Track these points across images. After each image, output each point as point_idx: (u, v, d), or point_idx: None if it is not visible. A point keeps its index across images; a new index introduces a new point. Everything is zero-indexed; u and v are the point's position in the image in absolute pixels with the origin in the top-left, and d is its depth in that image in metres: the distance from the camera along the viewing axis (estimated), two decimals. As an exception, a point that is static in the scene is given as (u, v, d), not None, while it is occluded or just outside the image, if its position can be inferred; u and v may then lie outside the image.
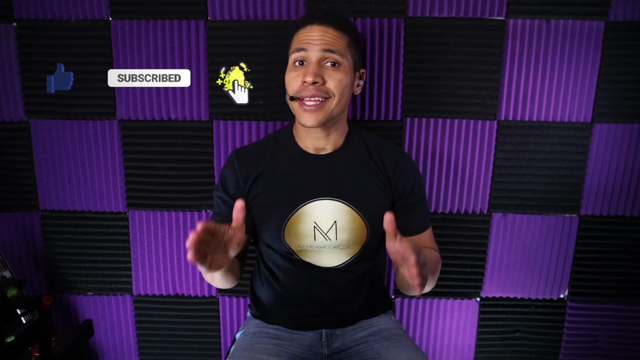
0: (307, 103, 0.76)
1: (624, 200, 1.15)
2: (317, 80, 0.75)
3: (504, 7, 1.06)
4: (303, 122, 0.78)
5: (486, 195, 1.16)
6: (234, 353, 0.81)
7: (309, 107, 0.76)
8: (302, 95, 0.76)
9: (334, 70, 0.77)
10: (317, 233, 0.82)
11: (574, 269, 1.19)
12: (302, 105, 0.77)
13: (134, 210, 1.19)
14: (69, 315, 1.26)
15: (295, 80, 0.77)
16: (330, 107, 0.77)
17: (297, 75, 0.77)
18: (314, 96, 0.75)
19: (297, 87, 0.77)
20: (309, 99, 0.76)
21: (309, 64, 0.76)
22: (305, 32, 0.77)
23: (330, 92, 0.76)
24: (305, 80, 0.75)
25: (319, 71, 0.75)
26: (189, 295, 1.23)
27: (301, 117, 0.78)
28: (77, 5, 1.08)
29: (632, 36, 1.07)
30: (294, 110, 0.79)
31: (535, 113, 1.11)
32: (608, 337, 1.23)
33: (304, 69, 0.76)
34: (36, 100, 1.13)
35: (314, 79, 0.74)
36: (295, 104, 0.78)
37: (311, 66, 0.75)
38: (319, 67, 0.76)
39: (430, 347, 1.26)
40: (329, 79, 0.76)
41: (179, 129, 1.14)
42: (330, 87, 0.76)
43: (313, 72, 0.74)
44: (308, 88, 0.75)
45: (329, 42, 0.75)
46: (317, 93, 0.75)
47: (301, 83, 0.76)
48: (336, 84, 0.76)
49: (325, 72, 0.76)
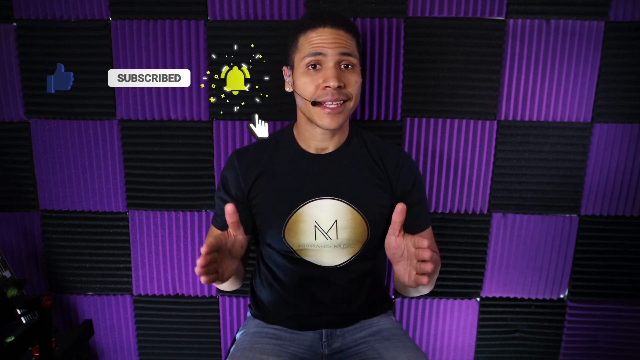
0: (329, 106, 0.77)
1: (624, 200, 1.15)
2: (341, 85, 0.76)
3: (504, 7, 1.06)
4: (324, 125, 0.78)
5: (486, 195, 1.16)
6: (234, 353, 0.81)
7: (332, 110, 0.77)
8: (323, 99, 0.76)
9: (350, 72, 0.78)
10: (317, 232, 0.82)
11: (574, 269, 1.19)
12: (324, 109, 0.77)
13: (134, 210, 1.19)
14: (69, 315, 1.26)
15: (311, 85, 0.77)
16: (349, 109, 0.79)
17: (314, 79, 0.77)
18: (336, 100, 0.76)
19: (316, 91, 0.77)
20: (331, 102, 0.76)
21: (325, 68, 0.76)
22: (317, 36, 0.76)
23: (350, 94, 0.78)
24: (329, 85, 0.75)
25: (340, 75, 0.76)
26: (189, 295, 1.23)
27: (322, 120, 0.78)
28: (77, 5, 1.08)
29: (632, 36, 1.07)
30: (313, 114, 0.79)
31: (535, 113, 1.11)
32: (608, 337, 1.23)
33: (320, 73, 0.76)
34: (36, 100, 1.13)
35: (338, 83, 0.75)
36: (316, 109, 0.78)
37: (330, 70, 0.75)
38: (338, 70, 0.76)
39: (430, 347, 1.26)
40: (347, 81, 0.77)
41: (179, 129, 1.14)
42: (350, 90, 0.77)
43: (336, 77, 0.75)
44: (330, 92, 0.75)
45: (344, 44, 0.76)
46: (339, 97, 0.76)
47: (322, 88, 0.76)
48: (354, 86, 0.78)
49: (344, 76, 0.77)
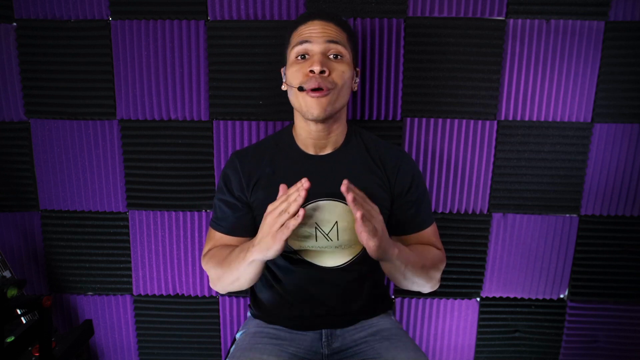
0: (313, 92, 0.77)
1: (624, 200, 1.15)
2: (324, 70, 0.75)
3: (504, 7, 1.06)
4: (310, 111, 0.78)
5: (486, 195, 1.16)
6: (234, 353, 0.81)
7: (315, 94, 0.76)
8: (307, 85, 0.76)
9: (337, 62, 0.78)
10: (318, 234, 0.82)
11: (574, 269, 1.19)
12: (308, 93, 0.77)
13: (134, 210, 1.19)
14: (69, 315, 1.25)
15: (299, 72, 0.77)
16: (335, 99, 0.78)
17: (302, 67, 0.77)
18: (319, 85, 0.75)
19: (302, 77, 0.77)
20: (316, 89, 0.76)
21: (312, 55, 0.77)
22: (306, 27, 0.78)
23: (335, 82, 0.77)
24: (313, 69, 0.75)
25: (325, 61, 0.76)
26: (189, 295, 1.23)
27: (308, 107, 0.78)
28: (77, 5, 1.08)
29: (632, 36, 1.07)
30: (300, 101, 0.79)
31: (535, 113, 1.11)
32: (608, 337, 1.23)
33: (308, 61, 0.77)
34: (36, 100, 1.13)
35: (322, 67, 0.75)
36: (302, 94, 0.78)
37: (316, 56, 0.76)
38: (324, 57, 0.77)
39: (430, 347, 1.26)
40: (333, 70, 0.77)
41: (179, 129, 1.14)
42: (335, 78, 0.77)
43: (320, 62, 0.75)
44: (314, 77, 0.75)
45: (332, 34, 0.77)
46: (322, 83, 0.75)
47: (307, 73, 0.76)
48: (340, 75, 0.77)
49: (329, 63, 0.77)
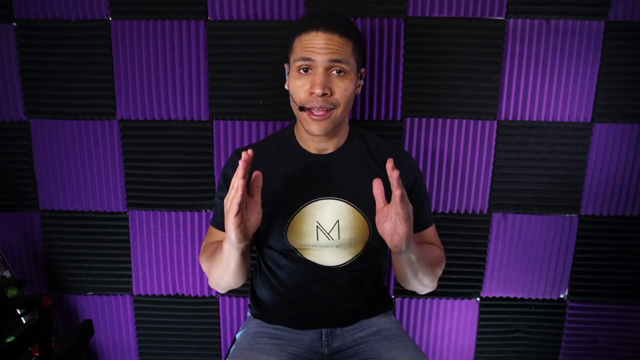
0: (315, 113, 0.76)
1: (624, 200, 1.15)
2: (326, 92, 0.75)
3: (504, 7, 1.06)
4: (311, 131, 0.78)
5: (486, 195, 1.16)
6: (234, 353, 0.81)
7: (317, 117, 0.76)
8: (310, 106, 0.76)
9: (340, 79, 0.76)
10: (319, 233, 0.82)
11: (574, 269, 1.19)
12: (310, 115, 0.77)
13: (134, 210, 1.19)
14: (69, 315, 1.25)
15: (302, 89, 0.77)
16: (336, 116, 0.78)
17: (304, 84, 0.76)
18: (322, 107, 0.76)
19: (305, 97, 0.76)
20: (317, 109, 0.76)
21: (315, 72, 0.76)
22: (309, 39, 0.75)
23: (337, 102, 0.77)
24: (314, 92, 0.75)
25: (327, 81, 0.75)
26: (189, 295, 1.23)
27: (309, 126, 0.78)
28: (77, 5, 1.08)
29: (632, 36, 1.07)
30: (301, 118, 0.79)
31: (535, 113, 1.11)
32: (608, 337, 1.23)
33: (310, 77, 0.76)
34: (36, 100, 1.13)
35: (323, 90, 0.74)
36: (303, 114, 0.78)
37: (318, 77, 0.75)
38: (326, 76, 0.75)
39: (430, 347, 1.26)
40: (336, 88, 0.76)
41: (179, 129, 1.14)
42: (337, 98, 0.77)
43: (321, 84, 0.74)
44: (316, 99, 0.75)
45: (335, 50, 0.74)
46: (324, 104, 0.75)
47: (309, 94, 0.76)
48: (342, 94, 0.77)
49: (332, 81, 0.76)
